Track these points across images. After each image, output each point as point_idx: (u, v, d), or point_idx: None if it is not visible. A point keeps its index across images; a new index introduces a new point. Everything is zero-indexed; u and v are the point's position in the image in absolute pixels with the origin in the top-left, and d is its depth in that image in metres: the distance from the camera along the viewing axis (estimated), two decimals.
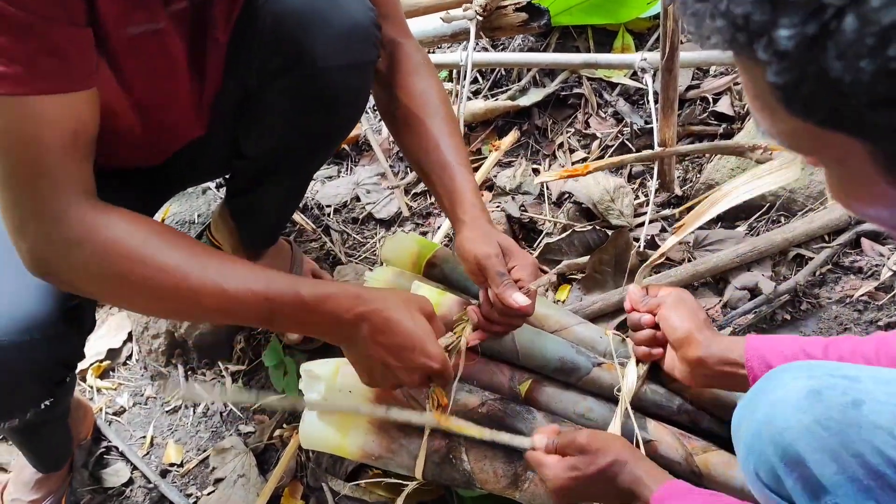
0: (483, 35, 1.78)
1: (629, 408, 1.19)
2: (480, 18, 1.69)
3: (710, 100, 1.86)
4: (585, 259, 1.62)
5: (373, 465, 1.32)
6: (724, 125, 1.81)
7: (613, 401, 1.23)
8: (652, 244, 1.65)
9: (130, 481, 1.61)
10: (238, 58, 1.21)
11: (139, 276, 0.94)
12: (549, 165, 1.90)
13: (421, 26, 1.90)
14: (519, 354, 1.29)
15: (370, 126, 2.05)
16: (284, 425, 1.58)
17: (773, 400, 0.77)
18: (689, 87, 1.88)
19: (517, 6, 1.72)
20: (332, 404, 1.26)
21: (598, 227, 1.68)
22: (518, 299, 1.13)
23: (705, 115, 1.84)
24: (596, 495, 1.04)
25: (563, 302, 1.61)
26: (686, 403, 1.25)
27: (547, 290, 1.62)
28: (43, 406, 1.13)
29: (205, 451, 1.62)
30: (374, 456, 1.25)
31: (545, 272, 1.56)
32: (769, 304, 1.49)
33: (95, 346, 1.84)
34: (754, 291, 1.53)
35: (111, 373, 1.83)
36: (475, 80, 2.07)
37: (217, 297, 0.95)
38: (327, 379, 1.25)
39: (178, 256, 0.95)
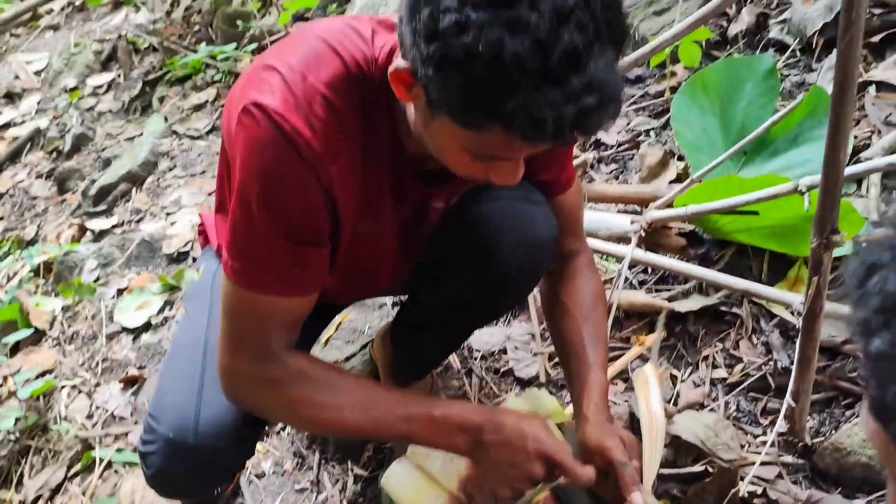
0: (642, 246, 1.90)
1: None
2: (643, 234, 1.82)
3: None
4: None
5: None
6: None
7: None
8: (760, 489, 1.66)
9: None
10: (434, 245, 1.46)
11: (310, 415, 1.25)
12: (689, 374, 1.97)
13: (588, 218, 2.04)
14: None
15: (533, 293, 2.22)
16: None
17: None
18: (847, 341, 1.87)
19: (680, 231, 1.83)
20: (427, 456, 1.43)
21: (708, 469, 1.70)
22: (636, 500, 1.25)
23: (856, 373, 1.82)
24: None
25: None
26: None
27: None
28: (216, 492, 1.47)
29: None
30: None
31: None
32: None
33: None
34: None
35: (265, 438, 2.14)
36: (643, 270, 2.19)
37: (377, 433, 1.30)
38: None
39: (350, 403, 1.24)
